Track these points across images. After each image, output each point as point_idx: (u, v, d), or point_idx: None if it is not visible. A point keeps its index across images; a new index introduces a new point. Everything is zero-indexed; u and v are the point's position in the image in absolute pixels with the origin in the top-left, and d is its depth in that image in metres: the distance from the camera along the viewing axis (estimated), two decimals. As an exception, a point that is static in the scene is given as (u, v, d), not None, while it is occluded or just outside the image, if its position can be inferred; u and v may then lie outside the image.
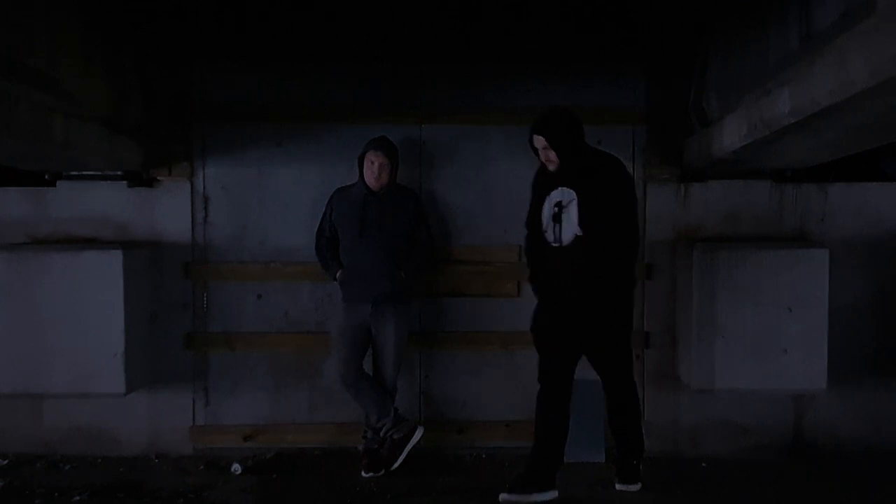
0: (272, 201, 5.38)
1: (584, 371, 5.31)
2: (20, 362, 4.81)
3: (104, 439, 5.35)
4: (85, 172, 5.28)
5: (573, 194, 4.32)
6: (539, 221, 4.49)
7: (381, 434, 4.96)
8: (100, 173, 5.27)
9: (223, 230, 5.39)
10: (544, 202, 4.46)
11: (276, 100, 5.36)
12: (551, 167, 4.39)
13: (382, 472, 4.89)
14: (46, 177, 5.27)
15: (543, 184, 4.51)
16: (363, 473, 4.88)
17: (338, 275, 4.97)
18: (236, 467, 5.05)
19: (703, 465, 5.22)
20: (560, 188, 4.38)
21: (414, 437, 4.98)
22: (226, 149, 5.37)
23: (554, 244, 4.40)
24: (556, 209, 4.37)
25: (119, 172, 5.25)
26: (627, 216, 4.41)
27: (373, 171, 4.86)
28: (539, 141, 4.36)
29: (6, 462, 5.23)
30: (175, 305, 5.37)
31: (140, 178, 5.30)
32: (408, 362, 5.29)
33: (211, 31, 5.19)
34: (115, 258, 4.86)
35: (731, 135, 4.24)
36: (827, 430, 5.35)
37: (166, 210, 5.36)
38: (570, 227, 4.32)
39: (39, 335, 4.81)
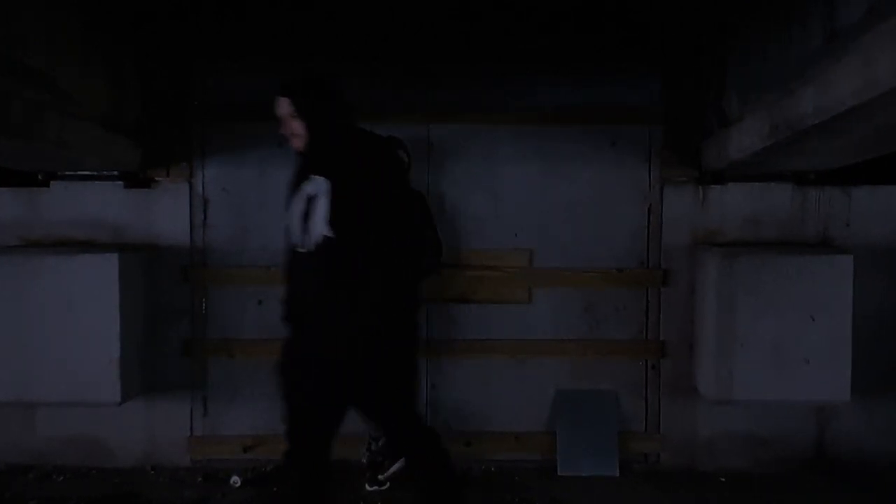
0: (273, 203, 5.36)
1: (595, 381, 5.34)
2: (12, 370, 4.81)
3: (98, 450, 5.36)
4: (80, 173, 5.30)
5: (326, 185, 3.51)
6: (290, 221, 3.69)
7: (380, 445, 4.95)
8: (96, 174, 5.29)
9: (223, 233, 5.39)
10: (296, 196, 3.65)
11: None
12: (296, 143, 3.64)
13: (387, 485, 4.89)
14: (40, 177, 5.28)
15: (298, 174, 3.69)
16: (367, 487, 4.88)
17: None
18: (235, 479, 5.06)
19: (722, 479, 5.21)
20: (313, 178, 3.57)
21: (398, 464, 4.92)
22: (226, 149, 5.38)
23: (300, 248, 3.60)
24: (307, 204, 3.56)
25: (116, 173, 5.26)
26: (393, 213, 3.55)
27: None
28: (282, 105, 3.61)
29: (-3, 473, 5.24)
30: (173, 311, 5.38)
31: (137, 179, 5.31)
32: (414, 371, 5.29)
33: (211, 29, 5.20)
34: (111, 262, 4.86)
35: (751, 135, 4.23)
36: (850, 443, 5.33)
37: (164, 212, 5.37)
38: (318, 227, 3.49)
39: (32, 341, 4.80)
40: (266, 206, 5.37)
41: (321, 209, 3.47)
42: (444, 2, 5.05)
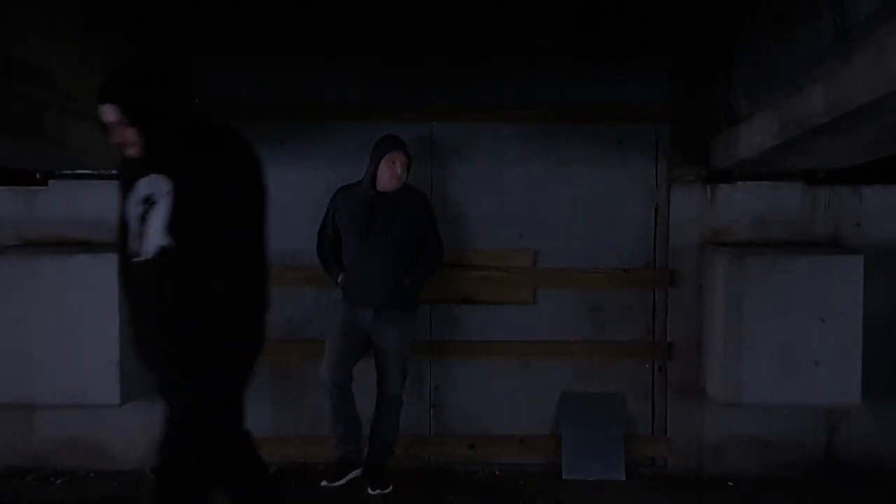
0: (274, 202, 5.30)
1: (601, 383, 5.33)
2: (10, 371, 4.81)
3: (98, 452, 5.36)
4: (79, 171, 5.29)
5: (167, 185, 3.09)
6: (123, 226, 3.27)
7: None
8: (95, 173, 5.27)
9: (223, 233, 5.38)
10: (130, 196, 3.22)
11: (278, 97, 5.37)
12: (131, 152, 3.18)
13: (390, 488, 4.88)
14: (38, 176, 5.28)
15: (132, 170, 3.24)
16: (370, 490, 4.87)
17: (340, 279, 4.95)
18: (236, 483, 5.04)
19: (729, 483, 5.19)
20: (151, 176, 3.13)
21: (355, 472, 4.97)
22: (226, 147, 5.37)
23: (135, 258, 3.18)
24: (144, 206, 3.14)
25: (115, 171, 5.23)
26: (241, 215, 3.26)
27: (394, 171, 4.82)
28: (107, 113, 3.12)
29: (-5, 476, 5.24)
30: (172, 312, 5.36)
31: (136, 178, 5.29)
32: (417, 373, 5.30)
33: (211, 28, 5.20)
34: (110, 262, 4.82)
35: (760, 134, 4.22)
36: (861, 447, 5.31)
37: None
38: (156, 234, 3.10)
39: (30, 342, 4.81)
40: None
41: (160, 214, 3.07)
42: (446, 0, 5.06)
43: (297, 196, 5.33)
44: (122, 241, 3.27)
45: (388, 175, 4.82)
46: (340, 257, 5.00)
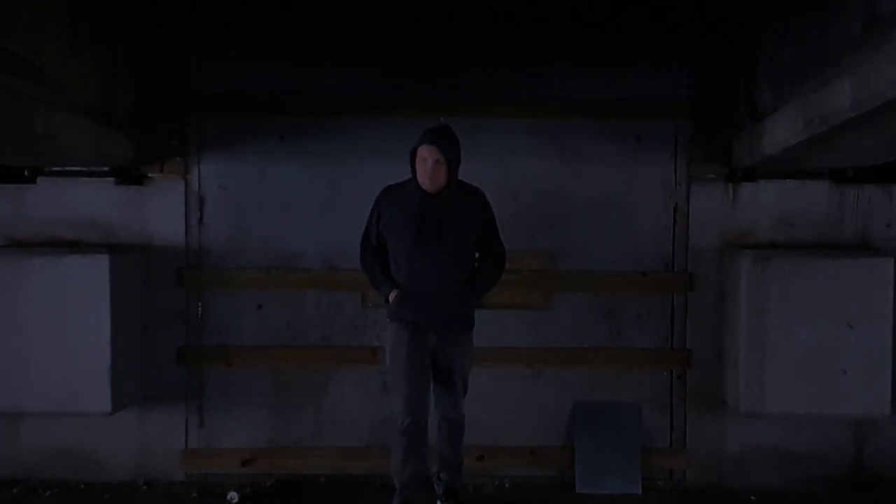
0: (274, 201, 5.39)
1: (617, 392, 5.32)
2: (-4, 377, 4.83)
3: (88, 463, 5.37)
4: (69, 168, 5.30)
5: None
6: None
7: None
8: (85, 169, 5.29)
9: (220, 233, 5.40)
10: None
11: (279, 90, 5.37)
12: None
13: None
14: (26, 172, 5.28)
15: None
16: None
17: (391, 296, 4.49)
18: (233, 495, 5.06)
19: (752, 497, 5.18)
20: None
21: None
22: (224, 143, 5.39)
23: None
24: None
25: (106, 168, 5.27)
26: None
27: (426, 169, 4.35)
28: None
29: (-20, 487, 5.26)
30: (167, 316, 5.39)
31: (129, 175, 5.32)
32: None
33: (210, 15, 5.21)
34: (101, 263, 4.88)
35: (784, 130, 4.21)
36: (891, 460, 5.30)
37: (158, 210, 5.39)
38: None
39: (18, 348, 4.82)
40: (266, 204, 5.38)
41: None
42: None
43: (298, 195, 5.35)
44: None
45: (421, 175, 4.38)
46: (389, 269, 4.56)
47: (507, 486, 5.33)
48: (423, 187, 4.38)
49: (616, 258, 5.36)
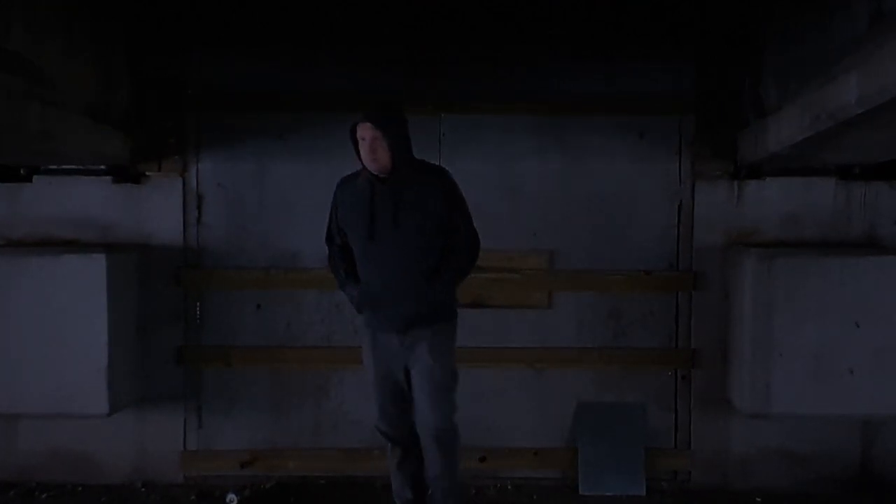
0: (273, 200, 5.39)
1: (620, 393, 5.32)
2: (-8, 379, 4.83)
3: (85, 465, 5.38)
4: (65, 167, 5.30)
5: None
6: None
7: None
8: (82, 168, 5.29)
9: (219, 232, 5.41)
10: None
11: (278, 89, 5.37)
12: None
13: None
14: (22, 171, 5.29)
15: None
16: None
17: (355, 296, 4.17)
18: (231, 498, 5.06)
19: (757, 499, 5.19)
20: None
21: None
22: (222, 141, 5.39)
23: None
24: None
25: (103, 167, 5.27)
26: None
27: (364, 149, 3.96)
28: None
29: (-24, 490, 5.26)
30: (165, 316, 5.39)
31: (126, 174, 5.32)
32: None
33: (208, 12, 5.21)
34: (98, 263, 4.87)
35: (790, 126, 4.21)
36: (899, 461, 5.30)
37: (155, 209, 5.39)
38: None
39: (13, 348, 4.83)
40: (265, 202, 5.38)
41: None
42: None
43: (297, 194, 5.35)
44: None
45: (364, 157, 3.99)
46: (355, 268, 4.22)
47: (509, 487, 5.33)
48: (370, 170, 3.99)
49: (619, 257, 5.35)
